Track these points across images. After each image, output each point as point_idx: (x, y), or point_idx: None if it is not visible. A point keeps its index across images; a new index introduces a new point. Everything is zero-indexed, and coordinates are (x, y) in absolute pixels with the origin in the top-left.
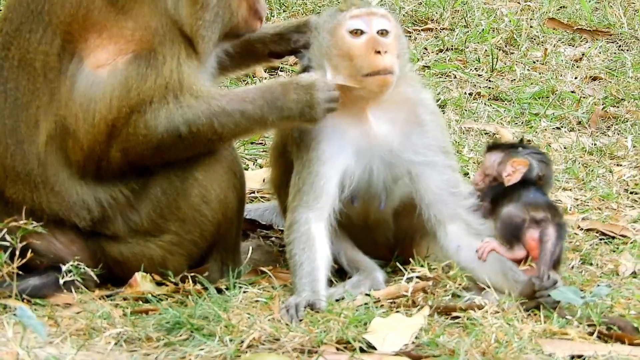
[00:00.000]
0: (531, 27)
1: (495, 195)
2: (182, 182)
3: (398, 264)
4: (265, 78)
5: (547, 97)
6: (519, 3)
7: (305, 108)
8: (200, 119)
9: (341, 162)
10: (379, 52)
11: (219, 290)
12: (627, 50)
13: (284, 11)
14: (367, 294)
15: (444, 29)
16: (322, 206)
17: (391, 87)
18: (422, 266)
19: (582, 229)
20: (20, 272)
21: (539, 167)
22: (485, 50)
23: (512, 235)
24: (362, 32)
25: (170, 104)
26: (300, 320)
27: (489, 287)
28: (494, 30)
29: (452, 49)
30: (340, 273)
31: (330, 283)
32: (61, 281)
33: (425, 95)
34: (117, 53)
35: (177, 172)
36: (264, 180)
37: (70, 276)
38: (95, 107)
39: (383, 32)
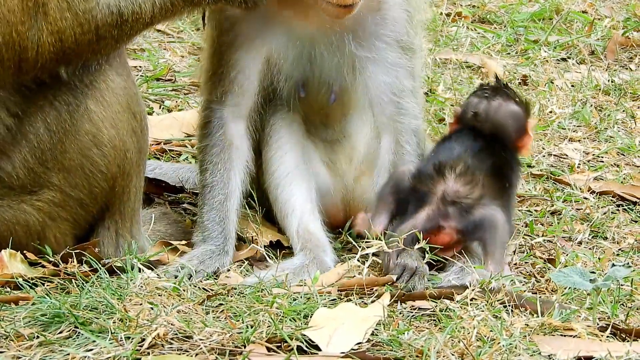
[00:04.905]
0: None
1: None
2: (71, 115)
3: (350, 237)
4: None
5: (550, 19)
6: None
7: None
8: None
9: (263, 46)
10: None
11: (111, 272)
12: None
13: None
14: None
15: None
16: (240, 102)
17: None
18: (379, 239)
19: (593, 193)
20: None
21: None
22: None
23: (396, 205)
24: None
25: None
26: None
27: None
28: None
29: None
30: (276, 247)
31: (262, 261)
32: None
33: None
34: None
35: (67, 97)
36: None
37: None
38: None
39: None
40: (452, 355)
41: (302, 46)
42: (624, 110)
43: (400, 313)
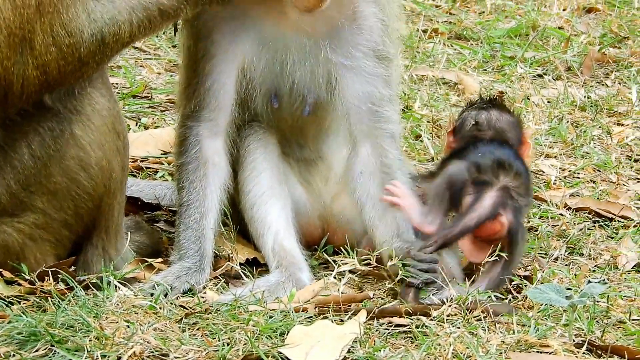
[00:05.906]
0: None
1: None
2: (55, 140)
3: (326, 255)
4: None
5: (527, 36)
6: None
7: None
8: (122, 14)
9: (237, 53)
10: None
11: (88, 289)
12: None
13: None
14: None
15: None
16: (216, 116)
17: None
18: (351, 257)
19: (570, 209)
20: None
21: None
22: None
23: (449, 200)
24: None
25: None
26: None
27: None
28: None
29: None
30: (253, 264)
31: (237, 278)
32: None
33: None
34: None
35: (51, 123)
36: None
37: None
38: None
39: None
40: None
41: (275, 50)
42: (600, 127)
43: (376, 330)
